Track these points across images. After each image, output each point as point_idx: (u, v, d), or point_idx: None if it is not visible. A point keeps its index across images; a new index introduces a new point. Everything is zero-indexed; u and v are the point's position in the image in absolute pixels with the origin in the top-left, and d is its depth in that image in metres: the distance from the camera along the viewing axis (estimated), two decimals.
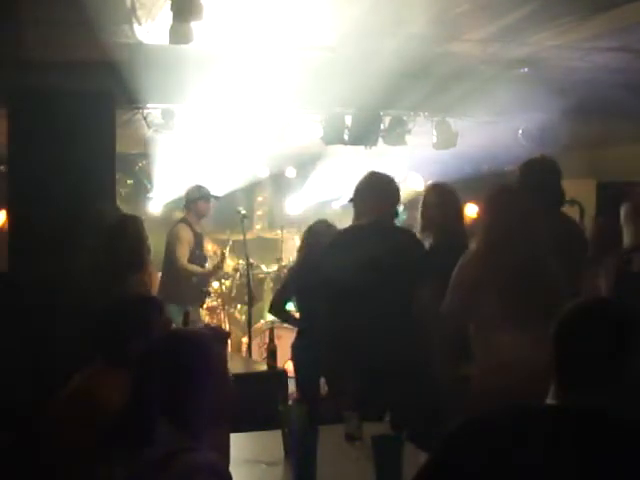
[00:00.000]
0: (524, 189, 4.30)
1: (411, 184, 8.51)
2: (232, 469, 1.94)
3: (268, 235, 8.84)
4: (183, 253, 6.38)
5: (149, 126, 6.32)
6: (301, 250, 5.15)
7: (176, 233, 6.44)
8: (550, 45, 5.37)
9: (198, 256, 6.54)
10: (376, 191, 3.99)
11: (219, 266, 6.63)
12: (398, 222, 4.40)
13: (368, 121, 6.45)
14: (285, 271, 7.62)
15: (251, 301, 6.29)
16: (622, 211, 4.34)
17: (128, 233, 4.09)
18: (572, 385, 1.72)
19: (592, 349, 1.71)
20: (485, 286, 3.41)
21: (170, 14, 4.39)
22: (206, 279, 6.74)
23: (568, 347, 1.74)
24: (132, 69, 5.30)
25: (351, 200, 4.10)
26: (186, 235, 6.44)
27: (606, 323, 1.73)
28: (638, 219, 4.25)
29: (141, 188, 8.64)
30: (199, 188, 6.61)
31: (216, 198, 6.72)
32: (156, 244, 5.98)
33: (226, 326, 7.26)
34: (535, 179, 4.25)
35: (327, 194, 8.97)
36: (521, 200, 3.78)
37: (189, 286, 6.33)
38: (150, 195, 8.58)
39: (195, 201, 6.56)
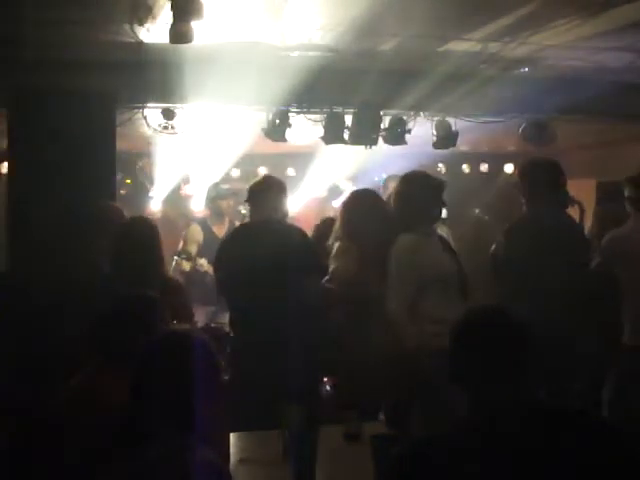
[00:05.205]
0: (525, 189, 4.31)
1: None
2: (232, 469, 1.94)
3: None
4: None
5: (149, 125, 6.30)
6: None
7: (184, 234, 6.48)
8: (550, 45, 5.36)
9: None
10: (273, 192, 4.57)
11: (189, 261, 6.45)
12: None
13: (368, 121, 6.43)
14: None
15: None
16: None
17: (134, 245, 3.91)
18: (484, 382, 1.91)
19: (499, 349, 1.92)
20: None
21: (171, 13, 4.39)
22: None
23: (476, 349, 1.93)
24: (132, 69, 5.30)
25: (246, 201, 4.67)
26: (195, 235, 6.43)
27: (507, 326, 1.96)
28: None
29: (141, 188, 8.62)
30: (215, 186, 6.61)
31: (235, 194, 6.64)
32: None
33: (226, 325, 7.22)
34: (536, 179, 4.26)
35: (327, 193, 8.99)
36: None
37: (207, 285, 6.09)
38: (150, 195, 8.56)
39: (213, 200, 6.56)
